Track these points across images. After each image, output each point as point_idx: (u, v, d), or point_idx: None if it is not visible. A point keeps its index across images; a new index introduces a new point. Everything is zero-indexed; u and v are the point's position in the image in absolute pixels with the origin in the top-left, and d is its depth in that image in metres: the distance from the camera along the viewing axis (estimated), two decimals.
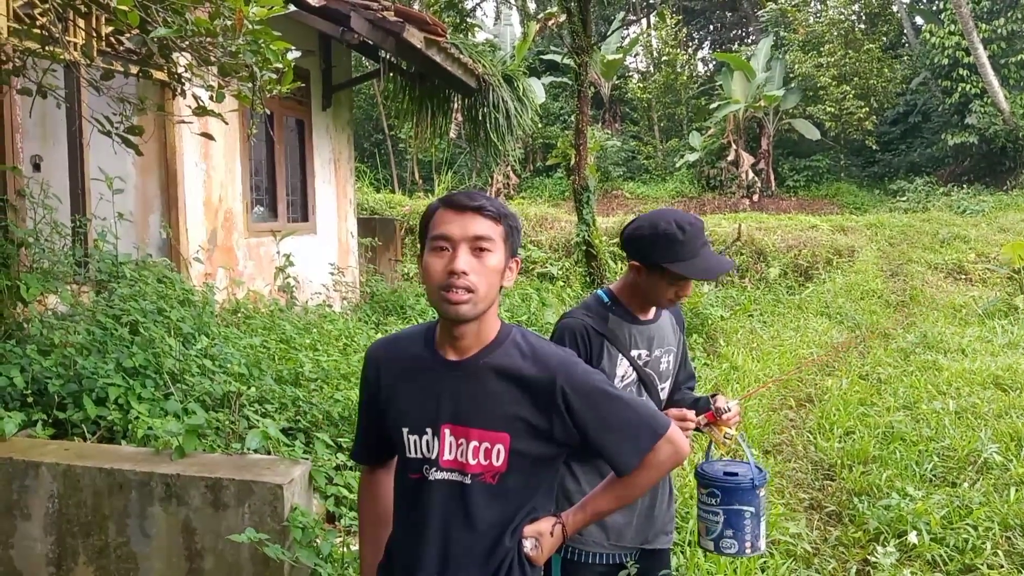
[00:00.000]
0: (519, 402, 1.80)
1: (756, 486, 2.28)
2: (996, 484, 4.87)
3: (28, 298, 4.25)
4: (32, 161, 5.89)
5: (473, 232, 1.75)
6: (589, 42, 9.68)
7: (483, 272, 1.75)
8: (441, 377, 1.84)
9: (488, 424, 1.80)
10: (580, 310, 2.50)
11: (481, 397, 1.81)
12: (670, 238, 2.30)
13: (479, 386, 1.82)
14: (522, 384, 1.80)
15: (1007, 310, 10.88)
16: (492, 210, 1.78)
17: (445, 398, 1.83)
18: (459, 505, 1.82)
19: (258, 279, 7.30)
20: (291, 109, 8.23)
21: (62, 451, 3.24)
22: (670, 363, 2.54)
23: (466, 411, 1.81)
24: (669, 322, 2.57)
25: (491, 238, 1.76)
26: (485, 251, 1.76)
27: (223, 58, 3.53)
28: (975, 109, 20.77)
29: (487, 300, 1.78)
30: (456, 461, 1.82)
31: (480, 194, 1.83)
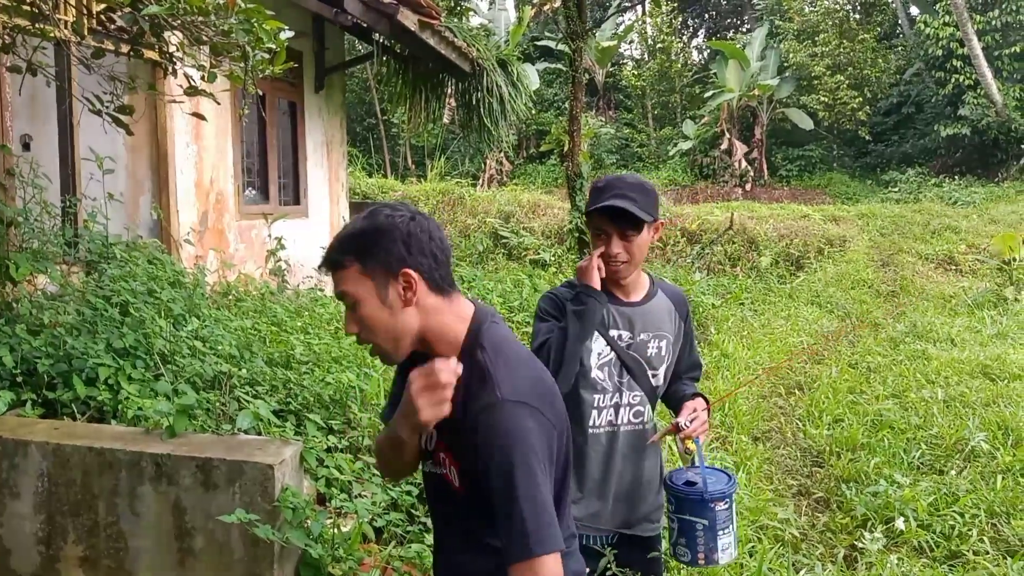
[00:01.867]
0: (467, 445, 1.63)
1: (708, 500, 2.28)
2: (983, 472, 4.92)
3: (17, 278, 4.21)
4: (22, 140, 5.84)
5: (336, 291, 1.68)
6: (584, 28, 9.62)
7: (364, 326, 1.66)
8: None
9: (449, 443, 1.71)
10: (561, 287, 2.52)
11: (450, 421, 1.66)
12: (592, 187, 2.42)
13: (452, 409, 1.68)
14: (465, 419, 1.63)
15: (996, 301, 10.94)
16: (333, 257, 1.66)
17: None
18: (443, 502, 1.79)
19: (249, 262, 7.27)
20: (283, 91, 8.18)
21: (51, 430, 3.24)
22: (662, 349, 2.51)
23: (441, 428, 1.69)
24: (666, 309, 2.54)
25: (347, 291, 1.65)
26: (353, 305, 1.66)
27: (215, 37, 3.51)
28: (968, 101, 20.80)
29: (395, 340, 1.67)
30: (435, 456, 1.77)
31: (335, 239, 1.69)
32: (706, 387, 6.61)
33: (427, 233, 1.66)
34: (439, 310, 1.68)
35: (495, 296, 8.57)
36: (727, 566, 3.72)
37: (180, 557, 3.01)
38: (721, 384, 6.67)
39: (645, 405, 2.50)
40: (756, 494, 4.61)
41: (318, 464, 3.55)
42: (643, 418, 2.50)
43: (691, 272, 11.89)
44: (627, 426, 2.47)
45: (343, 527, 3.31)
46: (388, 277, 1.63)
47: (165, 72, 4.00)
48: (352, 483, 3.63)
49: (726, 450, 5.33)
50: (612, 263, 2.38)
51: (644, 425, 2.50)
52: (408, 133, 19.73)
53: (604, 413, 2.45)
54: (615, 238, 2.36)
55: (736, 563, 3.79)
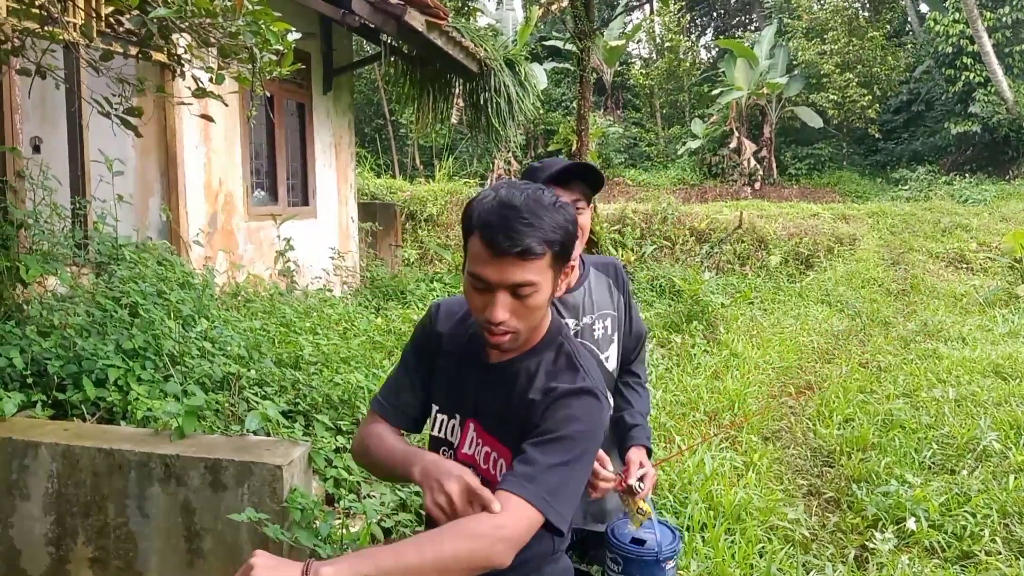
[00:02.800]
0: (531, 419, 1.62)
1: (661, 560, 2.16)
2: (995, 472, 4.88)
3: (28, 279, 4.23)
4: (32, 143, 5.87)
5: (512, 280, 1.55)
6: (592, 28, 9.61)
7: (525, 315, 1.59)
8: (477, 373, 1.75)
9: (498, 434, 1.70)
10: None
11: (502, 405, 1.69)
12: (530, 170, 2.30)
13: (504, 392, 1.69)
14: (544, 397, 1.63)
15: (1008, 299, 10.87)
16: (533, 247, 1.52)
17: (476, 394, 1.74)
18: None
19: (258, 263, 7.29)
20: (292, 92, 8.20)
21: (61, 431, 3.24)
22: (608, 328, 2.41)
23: (488, 415, 1.72)
24: (604, 285, 2.44)
25: (534, 282, 1.55)
26: (528, 295, 1.56)
27: (223, 39, 3.51)
28: (978, 98, 20.70)
29: (531, 330, 1.65)
30: (471, 457, 1.74)
31: (523, 216, 1.52)
32: (715, 386, 6.59)
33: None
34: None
35: None
36: (737, 567, 3.72)
37: (189, 558, 3.01)
38: (731, 384, 6.64)
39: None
40: (766, 494, 4.59)
41: (327, 465, 3.56)
42: None
43: (700, 271, 11.85)
44: None
45: (352, 528, 3.32)
46: (561, 268, 1.62)
47: (173, 74, 4.01)
48: (361, 484, 3.64)
49: (735, 450, 5.32)
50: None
51: None
52: (416, 133, 19.78)
53: None
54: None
55: (746, 564, 3.78)
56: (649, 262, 12.86)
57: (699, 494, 4.38)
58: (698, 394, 6.32)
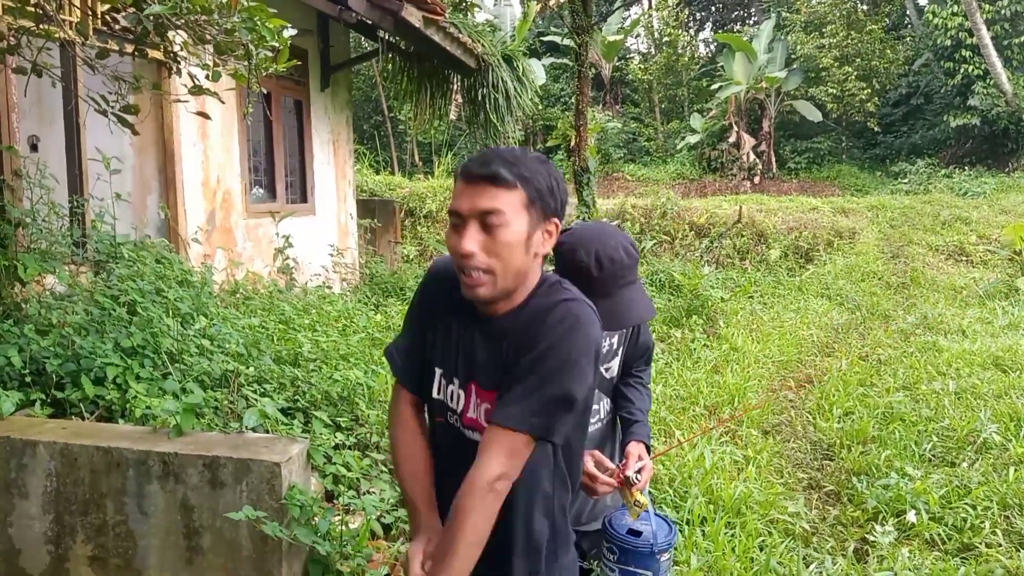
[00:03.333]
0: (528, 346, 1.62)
1: (656, 552, 2.18)
2: (995, 464, 4.88)
3: (26, 278, 4.23)
4: (29, 141, 5.86)
5: (480, 206, 1.57)
6: (590, 22, 9.62)
7: (496, 250, 1.58)
8: (473, 331, 1.72)
9: (498, 389, 1.67)
10: None
11: (498, 360, 1.66)
12: (583, 271, 2.10)
13: (498, 347, 1.67)
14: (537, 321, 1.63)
15: (1008, 291, 10.88)
16: (507, 176, 1.57)
17: (474, 353, 1.72)
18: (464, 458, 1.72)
19: (257, 260, 7.28)
20: (289, 89, 8.19)
21: (59, 430, 3.24)
22: (614, 344, 2.42)
23: (485, 372, 1.69)
24: None
25: (501, 211, 1.57)
26: (496, 226, 1.57)
27: (219, 36, 3.50)
28: (977, 90, 20.69)
29: (511, 277, 1.62)
30: (476, 421, 1.72)
31: (501, 155, 1.60)
32: (715, 380, 6.59)
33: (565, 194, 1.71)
34: (540, 263, 1.71)
35: None
36: (737, 560, 3.72)
37: (188, 555, 3.01)
38: (731, 378, 6.64)
39: (600, 401, 2.43)
40: (766, 488, 4.59)
41: (326, 461, 3.55)
42: (599, 415, 2.44)
43: (700, 266, 11.84)
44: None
45: (351, 524, 3.32)
46: (541, 220, 1.63)
47: (170, 72, 4.01)
48: (360, 480, 3.63)
49: (735, 444, 5.31)
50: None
51: (602, 421, 2.45)
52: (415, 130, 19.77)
53: None
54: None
55: (746, 557, 3.78)
56: (649, 257, 12.84)
57: (699, 488, 4.37)
58: (698, 388, 6.32)
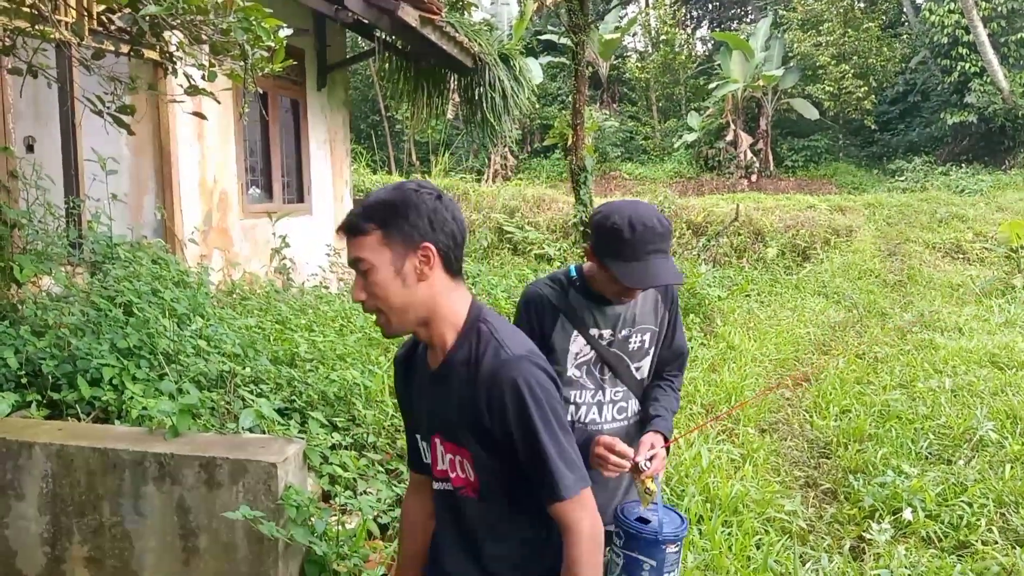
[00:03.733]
0: (476, 415, 1.67)
1: (661, 541, 2.17)
2: (991, 461, 4.89)
3: (22, 279, 4.23)
4: (25, 142, 5.85)
5: (351, 258, 1.68)
6: (587, 21, 9.61)
7: (372, 293, 1.66)
8: (427, 384, 1.80)
9: (455, 436, 1.74)
10: (545, 280, 2.43)
11: (450, 408, 1.73)
12: (616, 234, 2.18)
13: (449, 393, 1.72)
14: (477, 388, 1.67)
15: (1004, 289, 10.89)
16: (357, 224, 1.66)
17: (431, 406, 1.79)
18: (455, 516, 1.82)
19: (254, 260, 7.28)
20: (286, 89, 8.18)
21: (55, 431, 3.24)
22: (645, 342, 2.42)
23: (443, 422, 1.75)
24: (651, 300, 2.44)
25: (363, 257, 1.65)
26: (365, 271, 1.66)
27: (214, 36, 3.50)
28: (974, 88, 20.70)
29: (401, 312, 1.68)
30: (444, 472, 1.79)
31: (360, 204, 1.71)
32: (712, 379, 6.60)
33: (451, 213, 1.69)
34: (448, 290, 1.71)
35: (499, 291, 8.56)
36: (733, 558, 3.72)
37: (185, 556, 3.01)
38: (727, 376, 6.65)
39: (629, 399, 2.44)
40: (763, 486, 4.59)
41: (322, 462, 3.56)
42: (627, 413, 2.44)
43: (697, 264, 11.85)
44: (610, 424, 2.41)
45: (348, 524, 3.32)
46: (408, 249, 1.65)
47: (166, 72, 4.00)
48: (356, 480, 3.64)
49: (732, 442, 5.32)
50: (624, 300, 2.33)
51: (629, 420, 2.44)
52: (412, 129, 19.76)
53: (584, 410, 2.39)
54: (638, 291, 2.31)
55: (743, 555, 3.79)
56: None
57: (696, 486, 4.38)
58: (695, 387, 6.32)
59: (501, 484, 1.73)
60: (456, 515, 1.81)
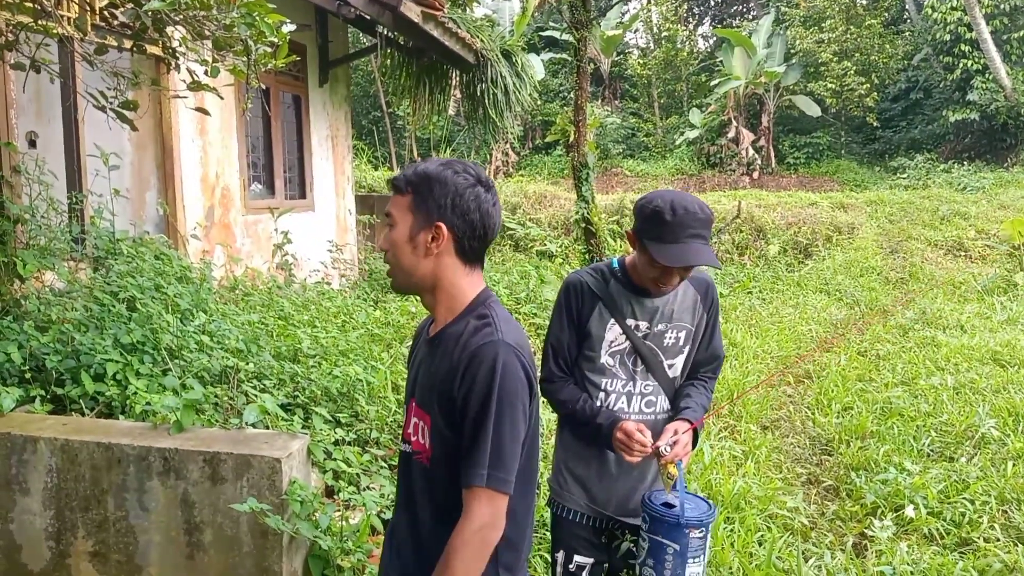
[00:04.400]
0: (449, 382, 1.71)
1: (684, 525, 2.21)
2: (993, 458, 4.89)
3: (25, 275, 4.23)
4: (28, 137, 5.85)
5: (386, 209, 1.81)
6: (588, 17, 9.58)
7: (388, 245, 1.78)
8: (422, 351, 1.88)
9: (425, 401, 1.79)
10: (587, 269, 2.49)
11: (431, 374, 1.78)
12: (657, 216, 2.26)
13: (434, 360, 1.78)
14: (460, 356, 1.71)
15: (1006, 286, 10.89)
16: (399, 181, 1.78)
17: (417, 371, 1.87)
18: (406, 479, 1.88)
19: (256, 256, 7.28)
20: (288, 85, 8.18)
21: (60, 426, 3.25)
22: (680, 340, 2.46)
23: (421, 385, 1.82)
24: (691, 299, 2.47)
25: (391, 213, 1.78)
26: (389, 226, 1.78)
27: (217, 32, 3.50)
28: (977, 85, 20.66)
29: (406, 274, 1.78)
30: (409, 435, 1.86)
31: (407, 170, 1.80)
32: None
33: (477, 203, 1.75)
34: (456, 272, 1.78)
35: (501, 288, 8.56)
36: (736, 555, 3.73)
37: (189, 551, 3.02)
38: (730, 374, 6.65)
39: (659, 395, 2.46)
40: (765, 483, 4.60)
41: (326, 457, 3.56)
42: (655, 408, 2.47)
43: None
44: (637, 415, 2.44)
45: (351, 519, 3.32)
46: (425, 222, 1.74)
47: (168, 67, 4.00)
48: (360, 476, 3.64)
49: (735, 439, 5.32)
50: (665, 288, 2.36)
51: (656, 416, 2.46)
52: (413, 125, 19.72)
53: (613, 399, 2.43)
54: (676, 273, 2.32)
55: (745, 552, 3.79)
56: None
57: (698, 483, 4.39)
58: None
59: (449, 456, 1.73)
60: (407, 477, 1.86)
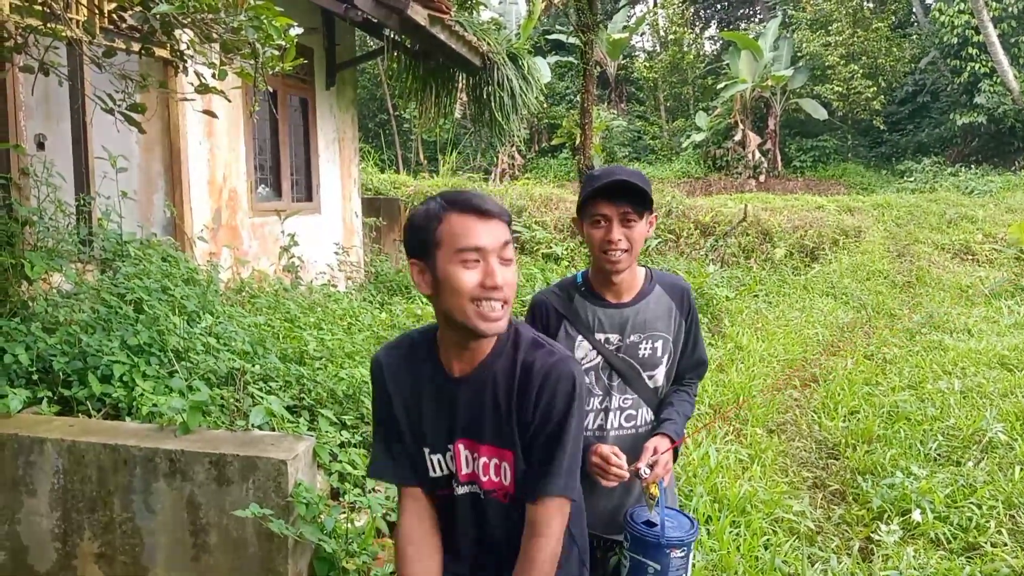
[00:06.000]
0: (523, 405, 1.71)
1: (665, 545, 2.14)
2: (1000, 463, 4.87)
3: (33, 276, 4.24)
4: (36, 140, 5.88)
5: (502, 240, 1.67)
6: (595, 20, 9.58)
7: (513, 283, 1.67)
8: (451, 392, 1.77)
9: (494, 439, 1.75)
10: (552, 288, 2.41)
11: (488, 410, 1.74)
12: (587, 177, 2.27)
13: (485, 398, 1.74)
14: (517, 394, 1.71)
15: (1014, 290, 10.85)
16: (506, 215, 1.71)
17: (457, 413, 1.77)
18: (481, 516, 1.82)
19: (262, 259, 7.30)
20: (295, 88, 8.20)
21: (67, 427, 3.26)
22: (657, 350, 2.34)
23: (476, 425, 1.75)
24: (664, 307, 2.37)
25: (511, 243, 1.70)
26: (510, 259, 1.67)
27: (225, 35, 3.51)
28: (984, 88, 20.62)
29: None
30: (472, 475, 1.79)
31: (486, 197, 1.70)
32: (719, 379, 6.59)
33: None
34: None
35: None
36: (742, 559, 3.72)
37: (195, 552, 3.03)
38: (735, 376, 6.64)
39: (639, 408, 2.36)
40: (771, 487, 4.59)
41: (331, 459, 3.57)
42: (636, 422, 2.36)
43: (705, 264, 11.84)
44: (616, 431, 2.34)
45: (357, 522, 3.33)
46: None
47: (176, 70, 4.01)
48: (365, 478, 3.64)
49: (740, 443, 5.31)
50: (611, 251, 2.24)
51: (638, 429, 2.36)
52: (420, 128, 19.77)
53: (592, 417, 2.33)
54: (616, 223, 2.22)
55: (751, 556, 3.78)
56: (654, 255, 12.84)
57: (704, 487, 4.38)
58: (703, 387, 6.31)
59: (522, 484, 1.75)
60: (480, 518, 1.82)
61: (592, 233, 2.27)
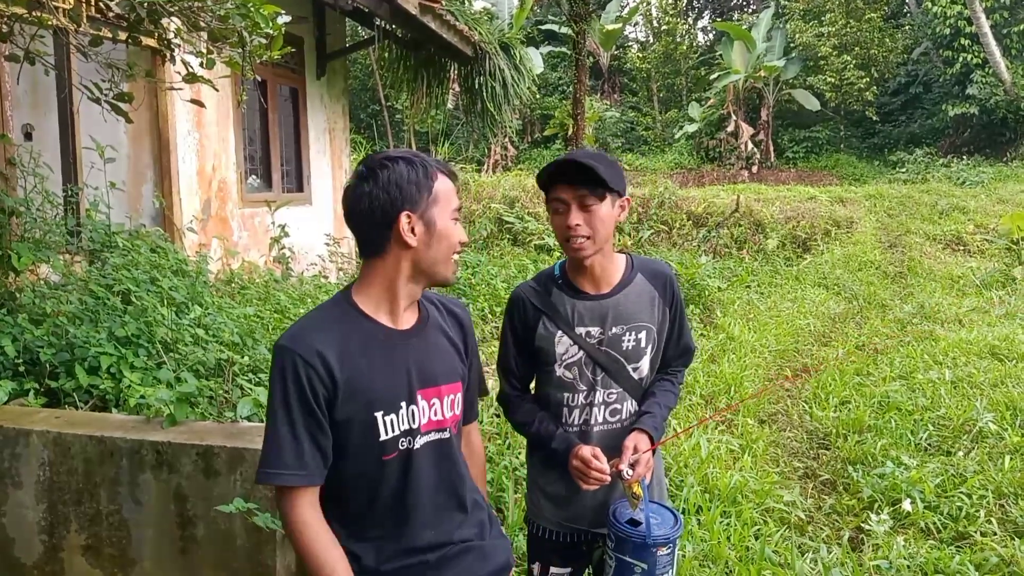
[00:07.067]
0: (461, 338, 1.98)
1: (651, 544, 2.10)
2: (991, 453, 4.89)
3: (19, 267, 4.21)
4: (23, 130, 5.83)
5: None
6: (588, 10, 9.58)
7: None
8: (402, 347, 1.81)
9: (445, 378, 1.89)
10: (531, 281, 2.35)
11: (437, 352, 1.90)
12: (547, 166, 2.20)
13: (438, 340, 1.92)
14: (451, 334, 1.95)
15: (1005, 281, 10.89)
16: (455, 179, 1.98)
17: (412, 364, 1.82)
18: (447, 460, 1.90)
19: (253, 249, 7.26)
20: (285, 78, 8.15)
21: (53, 419, 3.23)
22: (641, 341, 2.27)
23: (429, 372, 1.85)
24: (647, 296, 2.30)
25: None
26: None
27: (213, 23, 3.48)
28: (976, 79, 20.66)
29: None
30: (436, 422, 1.86)
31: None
32: (711, 370, 6.59)
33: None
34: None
35: (499, 282, 8.54)
36: (732, 549, 3.72)
37: (182, 545, 3.01)
38: (727, 367, 6.64)
39: (624, 401, 2.29)
40: (762, 477, 4.59)
41: None
42: (621, 416, 2.30)
43: (697, 255, 11.84)
44: (601, 425, 2.29)
45: None
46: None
47: (163, 59, 3.97)
48: None
49: (731, 433, 5.32)
50: (572, 237, 2.16)
51: (623, 423, 2.30)
52: (411, 119, 19.70)
53: (576, 412, 2.28)
54: (574, 208, 2.14)
55: (741, 546, 3.78)
56: (646, 246, 12.84)
57: (695, 477, 4.38)
58: (694, 378, 6.31)
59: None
60: (443, 460, 1.90)
61: (553, 220, 2.21)
